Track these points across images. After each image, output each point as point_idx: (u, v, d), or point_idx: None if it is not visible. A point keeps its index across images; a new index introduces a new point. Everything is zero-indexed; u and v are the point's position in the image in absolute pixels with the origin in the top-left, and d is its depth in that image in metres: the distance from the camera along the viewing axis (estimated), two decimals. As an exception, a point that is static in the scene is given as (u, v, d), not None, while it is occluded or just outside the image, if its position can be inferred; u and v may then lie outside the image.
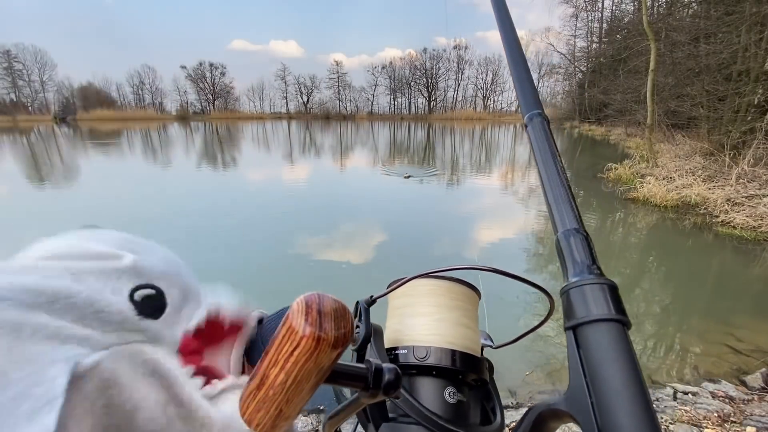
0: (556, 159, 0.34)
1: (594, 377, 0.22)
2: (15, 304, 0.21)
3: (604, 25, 36.29)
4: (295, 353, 0.21)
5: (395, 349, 0.39)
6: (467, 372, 0.38)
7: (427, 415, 0.34)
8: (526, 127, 0.38)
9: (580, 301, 0.25)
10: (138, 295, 0.26)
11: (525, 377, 2.49)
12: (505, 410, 0.41)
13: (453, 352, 0.38)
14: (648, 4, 11.66)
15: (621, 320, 0.23)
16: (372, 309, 0.41)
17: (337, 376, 0.25)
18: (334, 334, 0.22)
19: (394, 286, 0.42)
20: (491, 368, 0.43)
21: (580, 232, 0.29)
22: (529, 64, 0.42)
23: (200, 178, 10.52)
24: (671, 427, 1.97)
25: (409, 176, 9.76)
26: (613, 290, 0.25)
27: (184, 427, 0.24)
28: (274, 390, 0.22)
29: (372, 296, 0.41)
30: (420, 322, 0.40)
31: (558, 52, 44.49)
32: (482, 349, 0.44)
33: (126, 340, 0.24)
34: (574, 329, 0.25)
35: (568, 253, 0.28)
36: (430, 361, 0.37)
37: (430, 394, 0.37)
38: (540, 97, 0.39)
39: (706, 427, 1.96)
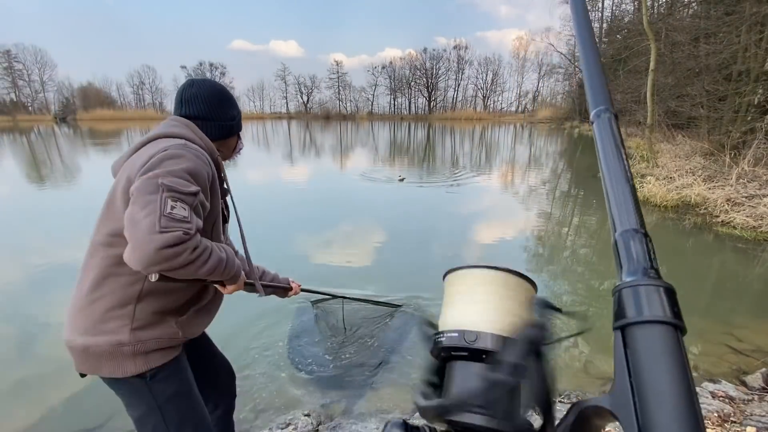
0: (622, 157, 0.34)
1: (640, 379, 0.22)
2: None
3: (604, 25, 36.27)
4: None
5: (446, 332, 0.41)
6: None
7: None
8: (592, 123, 0.38)
9: (632, 301, 0.24)
10: None
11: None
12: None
13: (504, 338, 0.38)
14: (648, 4, 11.65)
15: (676, 324, 0.23)
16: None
17: None
18: None
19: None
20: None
21: (640, 231, 0.29)
22: (529, 64, 0.43)
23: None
24: (671, 427, 1.97)
25: (402, 179, 9.26)
26: (670, 293, 0.24)
27: None
28: None
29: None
30: (473, 309, 0.41)
31: (558, 52, 44.51)
32: None
33: None
34: (623, 329, 0.24)
35: (624, 253, 0.28)
36: (479, 344, 0.38)
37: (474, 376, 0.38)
38: (608, 94, 0.39)
39: (706, 427, 1.96)
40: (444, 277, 0.46)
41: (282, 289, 1.53)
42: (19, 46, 60.07)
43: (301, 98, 74.27)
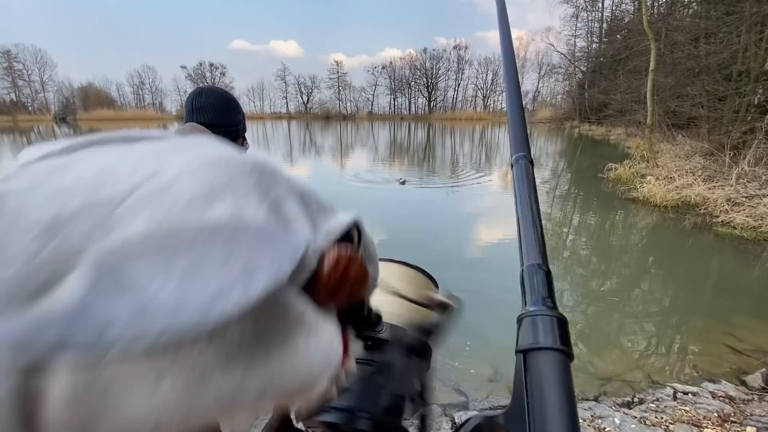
0: (533, 200, 0.38)
1: (534, 400, 0.24)
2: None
3: (604, 25, 36.28)
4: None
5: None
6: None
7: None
8: (512, 166, 0.43)
9: (532, 329, 0.28)
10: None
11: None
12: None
13: (391, 325, 0.44)
14: (648, 4, 11.66)
15: (565, 351, 0.26)
16: None
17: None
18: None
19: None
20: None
21: (542, 268, 0.32)
22: (529, 64, 0.45)
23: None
24: (671, 427, 1.97)
25: (403, 182, 8.87)
26: (562, 323, 0.28)
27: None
28: None
29: None
30: (381, 299, 0.46)
31: (558, 52, 44.51)
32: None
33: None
34: (524, 353, 0.27)
35: (528, 285, 0.32)
36: (384, 335, 0.44)
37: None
38: (527, 142, 0.44)
39: (706, 427, 1.96)
40: None
41: None
42: (19, 46, 60.16)
43: (301, 98, 74.31)
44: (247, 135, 1.46)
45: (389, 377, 0.41)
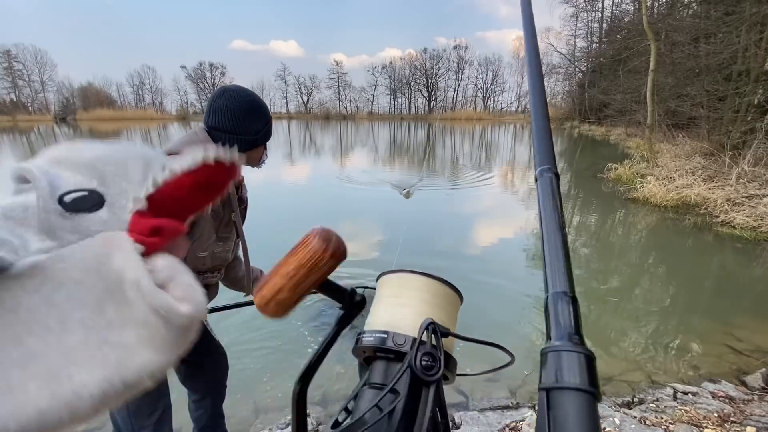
0: (559, 218, 0.35)
1: None
2: None
3: (604, 25, 36.29)
4: (308, 253, 0.35)
5: (378, 332, 0.42)
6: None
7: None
8: (536, 180, 0.39)
9: (557, 365, 0.26)
10: (67, 197, 0.26)
11: (525, 377, 2.50)
12: (505, 410, 0.44)
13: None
14: (648, 4, 11.66)
15: (593, 392, 0.25)
16: None
17: (327, 286, 0.40)
18: (334, 248, 0.36)
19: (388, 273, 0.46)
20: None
21: (569, 295, 0.30)
22: None
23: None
24: (671, 427, 1.97)
25: (408, 193, 7.71)
26: (590, 361, 0.26)
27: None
28: (282, 275, 0.35)
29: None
30: (404, 312, 0.43)
31: (558, 52, 44.50)
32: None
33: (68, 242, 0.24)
34: (547, 391, 0.26)
35: (553, 316, 0.30)
36: (406, 348, 0.40)
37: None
38: (552, 155, 0.40)
39: (706, 427, 1.96)
40: (378, 279, 0.47)
41: None
42: (19, 46, 60.20)
43: (301, 98, 74.39)
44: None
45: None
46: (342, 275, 3.89)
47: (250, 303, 1.55)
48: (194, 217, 0.29)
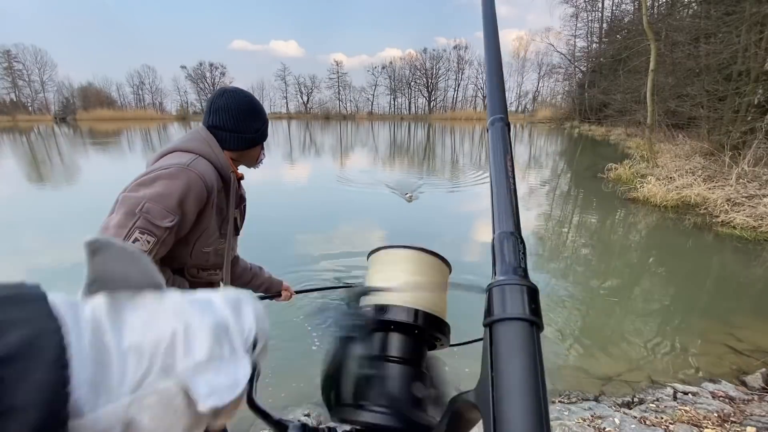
0: (507, 164, 0.36)
1: (498, 372, 0.23)
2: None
3: (604, 25, 36.29)
4: None
5: (370, 306, 0.42)
6: (429, 330, 0.41)
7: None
8: (488, 130, 0.40)
9: (500, 299, 0.26)
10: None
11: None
12: None
13: (415, 311, 0.41)
14: (648, 4, 11.66)
15: (532, 321, 0.25)
16: None
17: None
18: None
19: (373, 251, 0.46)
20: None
21: (514, 234, 0.31)
22: (529, 64, 0.44)
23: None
24: (671, 427, 1.97)
25: (410, 197, 7.45)
26: (532, 292, 0.26)
27: None
28: None
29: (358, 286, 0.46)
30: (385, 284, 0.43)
31: (558, 52, 44.53)
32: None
33: None
34: (490, 325, 0.26)
35: (499, 253, 0.30)
36: (389, 316, 0.40)
37: (388, 346, 0.40)
38: (504, 104, 0.41)
39: (706, 427, 1.96)
40: (368, 258, 0.48)
41: (268, 297, 1.62)
42: (19, 46, 60.18)
43: (301, 98, 74.38)
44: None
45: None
46: (339, 270, 3.90)
47: (276, 295, 1.61)
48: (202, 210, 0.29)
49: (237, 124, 1.24)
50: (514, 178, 0.35)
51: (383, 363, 0.39)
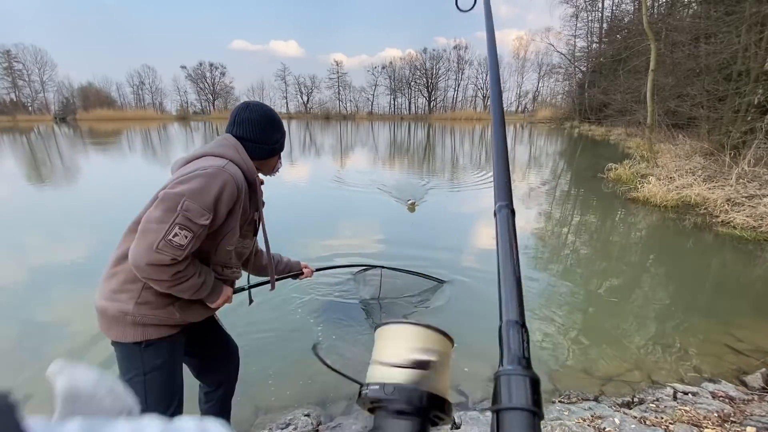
0: (513, 252, 0.39)
1: None
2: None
3: (604, 25, 36.27)
4: None
5: (374, 384, 0.43)
6: (434, 411, 0.41)
7: None
8: (495, 214, 0.43)
9: (506, 389, 0.29)
10: None
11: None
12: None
13: (421, 391, 0.41)
14: (648, 4, 11.67)
15: (535, 412, 0.28)
16: None
17: None
18: None
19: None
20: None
21: (519, 323, 0.34)
22: (529, 64, 0.45)
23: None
24: (671, 427, 1.97)
25: (413, 204, 6.94)
26: (534, 383, 0.30)
27: None
28: None
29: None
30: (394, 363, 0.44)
31: (558, 52, 44.50)
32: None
33: None
34: (497, 412, 0.28)
35: (506, 342, 0.33)
36: (396, 396, 0.40)
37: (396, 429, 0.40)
38: (509, 191, 0.45)
39: (706, 427, 1.96)
40: (374, 330, 0.49)
41: (293, 275, 1.84)
42: (19, 46, 60.06)
43: (301, 98, 74.30)
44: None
45: None
46: (338, 273, 3.90)
47: (299, 273, 1.84)
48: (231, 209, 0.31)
49: (259, 135, 1.33)
50: (519, 265, 0.38)
51: None
